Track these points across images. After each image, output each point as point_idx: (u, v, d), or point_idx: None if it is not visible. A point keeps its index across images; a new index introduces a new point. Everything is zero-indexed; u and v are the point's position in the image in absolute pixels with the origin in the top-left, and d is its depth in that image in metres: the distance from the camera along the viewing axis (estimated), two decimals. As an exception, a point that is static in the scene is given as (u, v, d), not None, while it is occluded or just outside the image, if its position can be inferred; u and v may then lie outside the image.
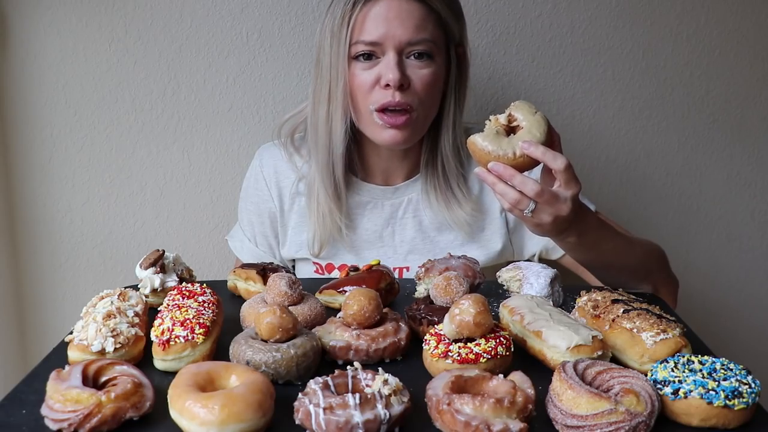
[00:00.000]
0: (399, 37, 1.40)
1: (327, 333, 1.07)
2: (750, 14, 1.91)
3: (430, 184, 1.56)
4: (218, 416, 0.83)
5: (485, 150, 1.19)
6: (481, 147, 1.19)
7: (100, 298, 1.13)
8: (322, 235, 1.55)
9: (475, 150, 1.20)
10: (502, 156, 1.18)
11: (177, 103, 1.83)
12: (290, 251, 1.62)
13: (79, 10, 1.76)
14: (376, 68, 1.43)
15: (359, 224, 1.59)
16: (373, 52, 1.42)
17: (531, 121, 1.20)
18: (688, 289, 2.02)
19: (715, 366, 0.93)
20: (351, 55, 1.43)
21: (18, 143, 1.81)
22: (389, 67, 1.41)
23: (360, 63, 1.43)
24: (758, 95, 1.95)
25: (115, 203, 1.87)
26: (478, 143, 1.19)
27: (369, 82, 1.43)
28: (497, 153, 1.18)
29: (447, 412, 0.85)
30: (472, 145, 1.20)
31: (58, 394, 0.87)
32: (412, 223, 1.59)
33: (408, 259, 1.59)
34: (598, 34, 1.89)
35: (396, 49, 1.41)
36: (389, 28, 1.40)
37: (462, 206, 1.55)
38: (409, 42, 1.41)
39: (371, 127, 1.47)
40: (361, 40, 1.42)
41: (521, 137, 1.18)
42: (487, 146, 1.19)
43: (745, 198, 2.00)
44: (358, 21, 1.41)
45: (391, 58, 1.41)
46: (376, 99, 1.43)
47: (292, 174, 1.60)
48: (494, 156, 1.18)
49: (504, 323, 1.13)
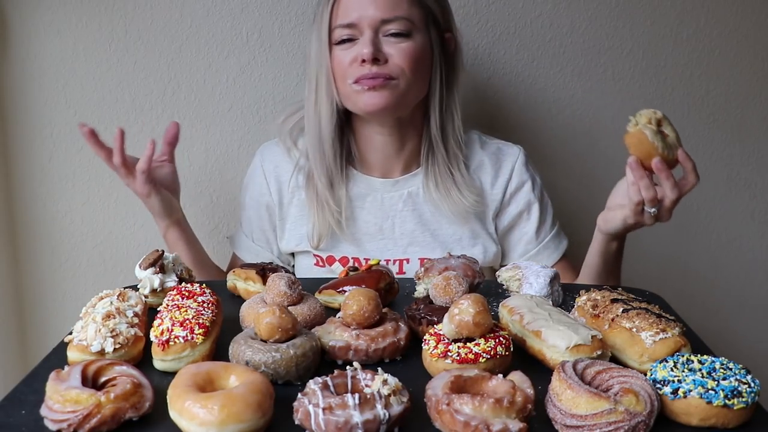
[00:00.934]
0: (372, 15, 1.45)
1: (326, 333, 1.07)
2: (750, 14, 1.90)
3: (431, 177, 1.58)
4: (218, 416, 0.83)
5: (655, 144, 1.29)
6: (652, 140, 1.29)
7: (100, 299, 1.13)
8: (320, 227, 1.58)
9: (644, 141, 1.29)
10: (666, 155, 1.30)
11: (177, 103, 1.83)
12: (290, 244, 1.64)
13: (79, 10, 1.76)
14: (354, 47, 1.48)
15: (359, 216, 1.60)
16: (353, 35, 1.47)
17: (673, 131, 1.33)
18: (687, 288, 2.03)
19: (714, 365, 0.93)
20: (333, 41, 1.49)
21: (18, 143, 1.81)
22: (364, 43, 1.46)
23: (341, 47, 1.49)
24: (758, 95, 1.95)
25: (115, 203, 1.87)
26: (649, 137, 1.29)
27: (347, 61, 1.48)
28: (664, 151, 1.29)
29: (446, 412, 0.85)
30: (641, 136, 1.29)
31: (58, 395, 0.87)
32: (412, 216, 1.60)
33: (408, 251, 1.60)
34: (598, 34, 1.89)
35: (371, 27, 1.46)
36: (364, 9, 1.46)
37: (465, 199, 1.57)
38: (383, 20, 1.46)
39: (352, 98, 1.50)
40: (339, 24, 1.48)
41: (674, 144, 1.32)
42: (658, 142, 1.29)
43: (745, 198, 2.00)
44: (337, 9, 1.48)
45: (367, 35, 1.46)
46: (353, 73, 1.47)
47: (291, 168, 1.62)
48: (661, 152, 1.29)
49: (503, 323, 1.13)
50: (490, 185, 1.62)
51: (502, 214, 1.63)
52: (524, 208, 1.63)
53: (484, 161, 1.62)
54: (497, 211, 1.63)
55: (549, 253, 1.64)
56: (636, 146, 1.30)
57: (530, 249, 1.63)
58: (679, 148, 1.32)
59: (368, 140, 1.59)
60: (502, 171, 1.62)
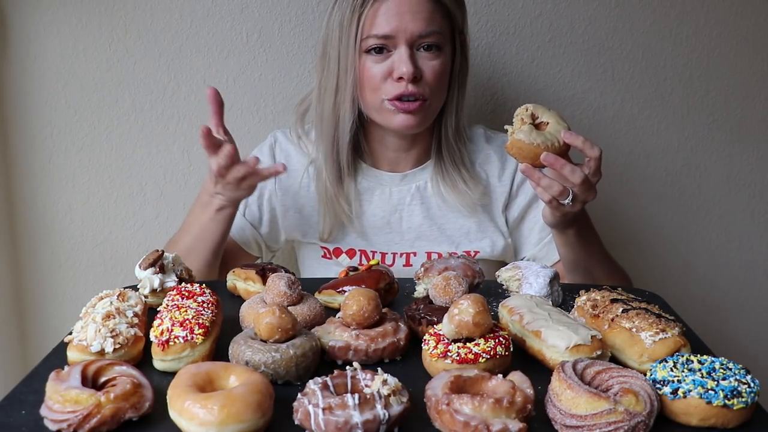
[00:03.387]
0: (411, 30, 1.43)
1: (326, 333, 1.07)
2: (750, 14, 1.90)
3: (439, 171, 1.59)
4: (217, 416, 0.83)
5: (534, 144, 1.25)
6: (530, 142, 1.24)
7: (100, 299, 1.13)
8: (331, 221, 1.58)
9: (523, 147, 1.25)
10: (550, 147, 1.25)
11: (177, 103, 1.83)
12: (295, 234, 1.64)
13: (79, 10, 1.76)
14: (388, 61, 1.46)
15: (366, 209, 1.61)
16: (385, 45, 1.45)
17: (552, 116, 1.28)
18: (687, 288, 2.03)
19: (714, 365, 0.93)
20: (362, 49, 1.46)
21: (18, 143, 1.81)
22: (402, 60, 1.43)
23: (371, 56, 1.46)
24: (758, 95, 1.95)
25: (115, 203, 1.87)
26: (524, 140, 1.25)
27: (380, 74, 1.46)
28: (546, 144, 1.24)
29: (446, 412, 0.85)
30: (518, 143, 1.25)
31: (58, 395, 0.87)
32: (420, 209, 1.61)
33: (415, 245, 1.62)
34: (598, 34, 1.89)
35: (408, 42, 1.44)
36: (401, 22, 1.43)
37: (472, 191, 1.58)
38: (420, 35, 1.44)
39: (383, 114, 1.50)
40: (373, 34, 1.44)
41: (556, 129, 1.26)
42: (535, 140, 1.25)
43: (745, 198, 2.00)
44: (369, 16, 1.44)
45: (404, 51, 1.44)
46: (389, 90, 1.46)
47: (302, 158, 1.62)
48: (544, 147, 1.25)
49: (503, 323, 1.13)
50: (498, 178, 1.63)
51: (511, 206, 1.64)
52: (533, 197, 1.62)
53: (491, 155, 1.64)
54: (506, 203, 1.63)
55: None
56: (518, 154, 1.27)
57: (545, 236, 1.61)
58: (563, 130, 1.26)
59: (380, 139, 1.60)
60: (508, 163, 1.63)
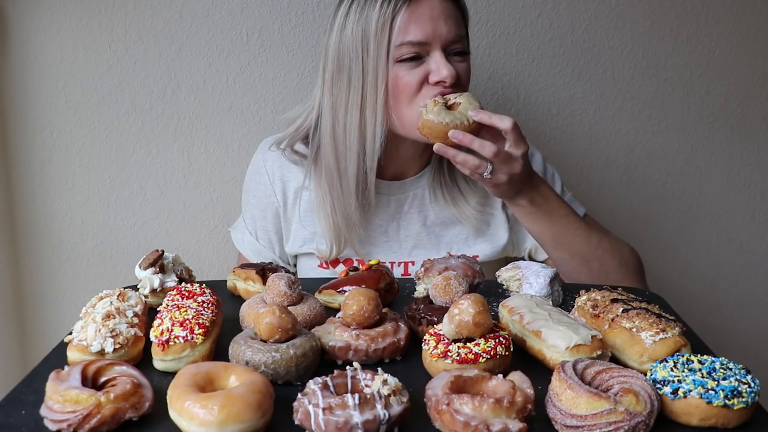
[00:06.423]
0: (445, 35, 1.41)
1: (326, 333, 1.07)
2: (750, 14, 1.91)
3: (437, 180, 1.58)
4: (217, 416, 0.83)
5: (443, 123, 1.31)
6: (439, 121, 1.31)
7: (100, 299, 1.13)
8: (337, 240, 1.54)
9: (433, 126, 1.32)
10: (459, 125, 1.31)
11: (177, 103, 1.83)
12: (294, 246, 1.62)
13: (79, 10, 1.76)
14: (421, 68, 1.41)
15: (365, 219, 1.59)
16: (419, 53, 1.41)
17: (465, 96, 1.36)
18: (688, 288, 2.03)
19: (714, 365, 0.93)
20: (396, 59, 1.41)
21: (18, 143, 1.81)
22: (441, 65, 1.40)
23: (405, 65, 1.41)
24: (758, 95, 1.95)
25: (115, 203, 1.87)
26: (433, 120, 1.32)
27: (415, 82, 1.41)
28: (455, 122, 1.31)
29: (446, 412, 0.85)
30: (428, 123, 1.32)
31: (58, 395, 0.87)
32: (418, 218, 1.60)
33: (413, 253, 1.60)
34: (598, 34, 1.89)
35: (442, 47, 1.41)
36: (436, 27, 1.40)
37: (468, 201, 1.57)
38: (453, 39, 1.42)
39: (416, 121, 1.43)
40: (407, 41, 1.40)
41: (465, 108, 1.32)
42: (444, 119, 1.31)
43: (745, 198, 2.00)
44: (401, 24, 1.40)
45: (439, 55, 1.41)
46: (427, 95, 1.41)
47: (295, 171, 1.58)
48: (452, 126, 1.31)
49: (503, 323, 1.13)
50: None
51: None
52: None
53: None
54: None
55: None
56: (429, 134, 1.34)
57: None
58: (471, 108, 1.32)
59: (394, 150, 1.53)
60: None
